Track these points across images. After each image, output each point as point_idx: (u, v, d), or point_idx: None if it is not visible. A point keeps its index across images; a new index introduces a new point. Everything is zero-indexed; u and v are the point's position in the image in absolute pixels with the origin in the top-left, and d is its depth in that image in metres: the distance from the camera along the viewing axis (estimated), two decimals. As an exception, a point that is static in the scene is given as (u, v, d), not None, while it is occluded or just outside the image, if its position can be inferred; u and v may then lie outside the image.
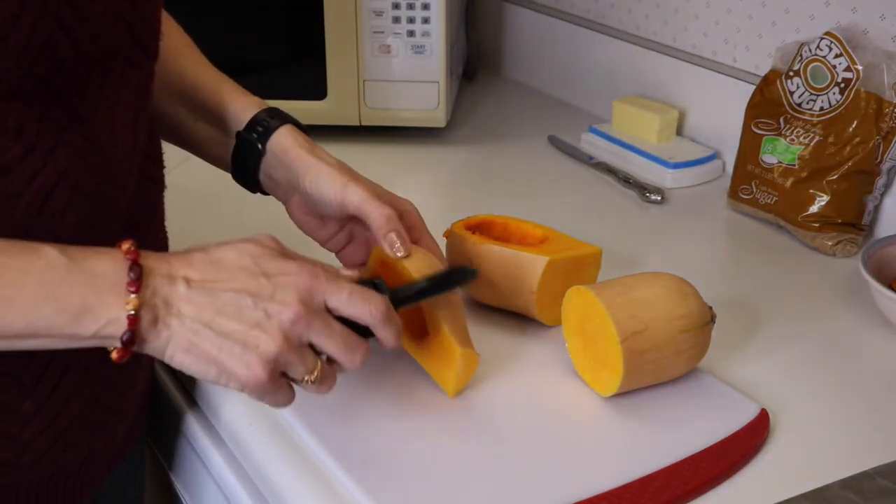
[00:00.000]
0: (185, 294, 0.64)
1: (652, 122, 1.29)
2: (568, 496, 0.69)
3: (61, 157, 0.65)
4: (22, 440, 0.70)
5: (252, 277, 0.65)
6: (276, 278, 0.66)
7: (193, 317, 0.63)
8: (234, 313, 0.64)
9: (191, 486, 0.90)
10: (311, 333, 0.66)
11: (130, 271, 0.62)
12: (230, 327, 0.64)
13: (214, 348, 0.64)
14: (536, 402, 0.79)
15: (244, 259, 0.66)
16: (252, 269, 0.66)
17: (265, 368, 0.64)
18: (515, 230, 0.93)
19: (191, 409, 0.88)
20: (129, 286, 0.62)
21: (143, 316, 0.62)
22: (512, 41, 1.62)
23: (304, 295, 0.65)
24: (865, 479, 0.71)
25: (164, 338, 0.63)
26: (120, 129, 0.70)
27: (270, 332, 0.64)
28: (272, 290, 0.65)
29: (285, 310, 0.64)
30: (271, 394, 0.66)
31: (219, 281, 0.65)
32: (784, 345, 0.90)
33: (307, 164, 0.82)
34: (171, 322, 0.63)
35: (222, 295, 0.64)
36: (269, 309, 0.64)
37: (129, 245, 0.63)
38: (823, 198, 1.07)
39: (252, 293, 0.64)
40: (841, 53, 1.06)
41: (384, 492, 0.69)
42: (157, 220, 0.83)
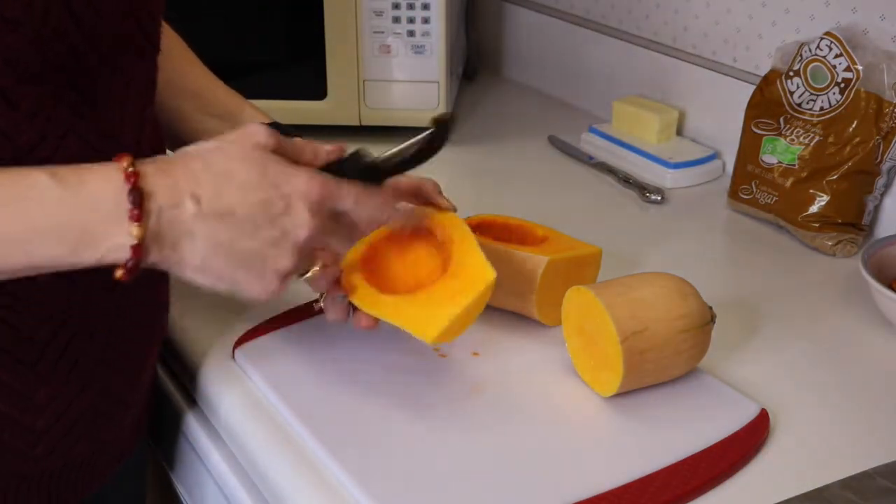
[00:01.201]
0: (195, 213, 0.62)
1: (652, 122, 1.29)
2: (568, 496, 0.69)
3: (71, 145, 0.65)
4: (36, 430, 0.70)
5: (263, 192, 0.64)
6: (286, 189, 0.65)
7: (207, 238, 0.62)
8: (250, 232, 0.63)
9: (191, 487, 0.90)
10: (324, 240, 0.68)
11: (130, 197, 0.60)
12: (247, 246, 0.64)
13: (230, 269, 0.64)
14: (536, 402, 0.79)
15: (251, 171, 0.64)
16: (261, 182, 0.64)
17: (280, 282, 0.66)
18: (515, 230, 0.93)
19: (191, 408, 0.88)
20: (131, 214, 0.59)
21: (149, 243, 0.61)
22: (512, 41, 1.62)
23: (314, 207, 0.66)
24: (865, 479, 0.71)
25: (174, 259, 0.63)
26: (128, 119, 0.71)
27: (287, 249, 0.65)
28: (284, 205, 0.64)
29: (301, 227, 0.65)
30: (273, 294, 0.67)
31: (231, 199, 0.63)
32: (784, 345, 0.90)
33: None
34: (181, 244, 0.62)
35: (236, 214, 0.63)
36: (285, 225, 0.65)
37: (127, 162, 0.61)
38: (823, 198, 1.07)
39: (266, 209, 0.64)
40: (841, 53, 1.06)
41: (384, 492, 0.69)
42: None
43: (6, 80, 0.60)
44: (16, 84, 0.61)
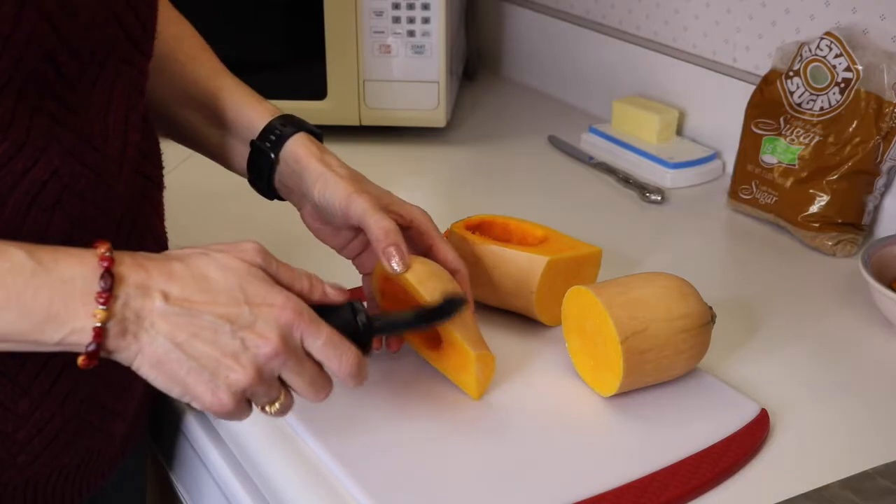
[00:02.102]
0: (162, 309, 0.61)
1: (652, 122, 1.29)
2: (568, 496, 0.69)
3: (53, 155, 0.64)
4: (18, 439, 0.70)
5: (235, 304, 0.63)
6: (260, 308, 0.63)
7: (166, 335, 0.61)
8: (210, 338, 0.62)
9: (191, 487, 0.90)
10: (283, 371, 0.64)
11: (101, 280, 0.59)
12: (204, 351, 0.62)
13: (183, 370, 0.62)
14: (536, 403, 0.79)
15: (229, 280, 0.63)
16: (236, 294, 0.63)
17: (232, 398, 0.63)
18: (515, 230, 0.93)
19: (191, 409, 0.88)
20: (99, 297, 0.59)
21: (111, 328, 0.60)
22: (512, 41, 1.62)
23: (284, 330, 0.63)
24: (865, 479, 0.71)
25: (133, 350, 0.61)
26: (111, 127, 0.70)
27: (244, 363, 0.62)
28: (253, 319, 0.62)
29: (264, 344, 0.62)
30: (231, 416, 0.65)
31: (199, 302, 0.62)
32: (784, 345, 0.90)
33: (317, 173, 0.80)
34: (142, 336, 0.61)
35: (201, 317, 0.62)
36: (248, 340, 0.62)
37: (104, 249, 0.61)
38: (823, 198, 1.07)
39: (232, 320, 0.62)
40: (841, 53, 1.06)
41: (384, 492, 0.69)
42: (157, 220, 0.82)
43: None
44: None
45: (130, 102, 0.72)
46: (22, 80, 0.61)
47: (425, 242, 0.82)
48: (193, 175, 0.95)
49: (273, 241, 1.01)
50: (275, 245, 1.02)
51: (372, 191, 0.81)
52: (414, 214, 0.83)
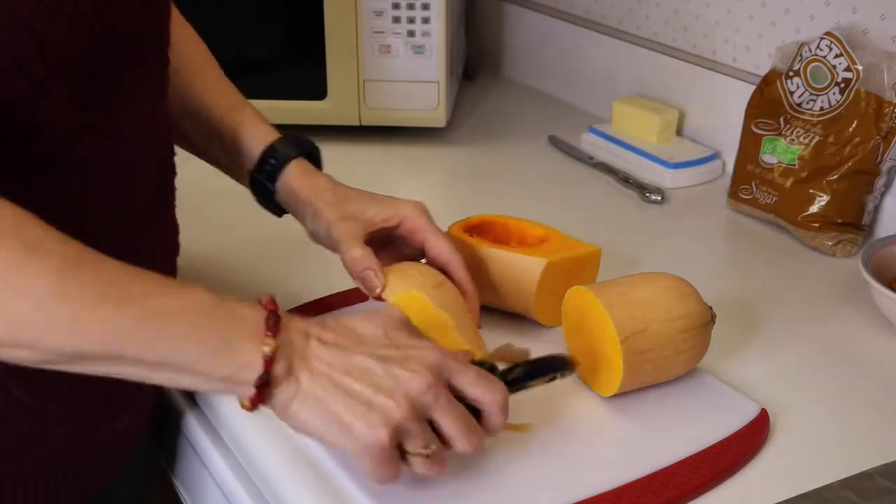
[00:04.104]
0: (318, 351, 0.65)
1: (652, 122, 1.29)
2: (568, 496, 0.69)
3: (87, 140, 0.67)
4: (54, 416, 0.72)
5: (383, 346, 0.66)
6: (407, 350, 0.67)
7: (324, 374, 0.64)
8: (364, 376, 0.65)
9: (192, 488, 0.90)
10: (436, 407, 0.66)
11: (269, 319, 0.63)
12: (359, 388, 0.64)
13: (341, 407, 0.64)
14: (536, 403, 0.79)
15: (376, 329, 0.68)
16: (383, 340, 0.67)
17: (388, 432, 0.64)
18: (515, 230, 0.93)
19: (191, 409, 0.88)
20: (267, 332, 0.63)
21: (279, 361, 0.63)
22: (512, 41, 1.62)
23: (433, 367, 0.66)
24: (865, 479, 0.71)
25: (293, 390, 0.64)
26: (141, 114, 0.73)
27: (397, 398, 0.64)
28: (403, 358, 0.66)
29: (415, 378, 0.65)
30: (386, 462, 0.65)
31: (351, 344, 0.66)
32: (784, 345, 0.90)
33: (305, 204, 0.85)
34: (302, 376, 0.64)
35: (354, 357, 0.65)
36: (400, 376, 0.65)
37: (268, 298, 0.65)
38: (823, 198, 1.07)
39: (383, 359, 0.65)
40: (841, 53, 1.06)
41: (383, 491, 0.69)
42: (172, 205, 0.85)
43: (40, 68, 0.61)
44: (47, 75, 0.62)
45: (154, 93, 0.76)
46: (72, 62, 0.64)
47: (417, 239, 0.83)
48: (193, 174, 0.94)
49: (274, 238, 1.01)
50: (275, 243, 1.02)
51: (355, 209, 0.83)
52: (404, 213, 0.84)
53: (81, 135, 0.67)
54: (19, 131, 0.63)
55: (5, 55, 0.60)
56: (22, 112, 0.62)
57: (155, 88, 0.76)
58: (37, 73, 0.62)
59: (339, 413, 0.64)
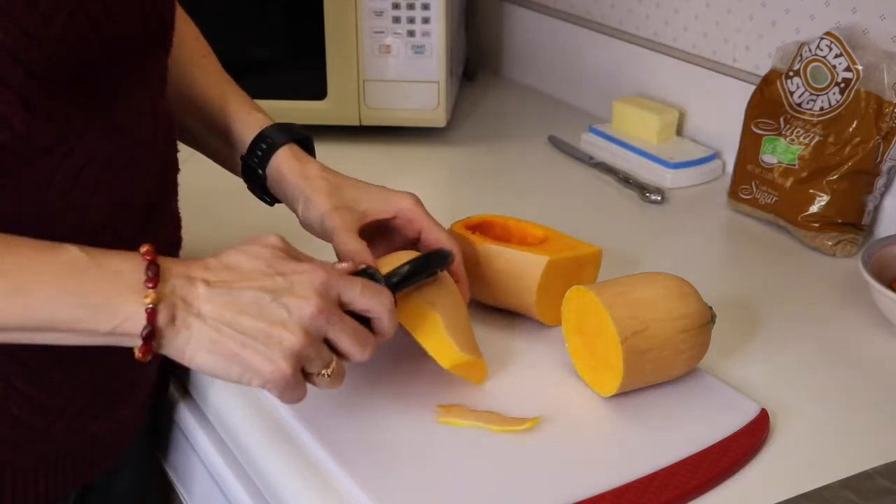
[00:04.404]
0: (205, 293, 0.65)
1: (652, 122, 1.29)
2: (568, 496, 0.69)
3: (89, 140, 0.68)
4: (54, 408, 0.73)
5: (268, 277, 0.67)
6: (291, 276, 0.67)
7: (214, 316, 0.64)
8: (256, 311, 0.65)
9: (185, 479, 0.91)
10: (329, 328, 0.67)
11: (148, 269, 0.63)
12: (252, 325, 0.65)
13: (237, 345, 0.64)
14: (536, 403, 0.79)
15: (257, 261, 0.68)
16: (266, 270, 0.67)
17: (289, 363, 0.65)
18: (515, 230, 0.93)
19: (185, 400, 0.88)
20: (147, 283, 0.63)
21: (162, 311, 0.63)
22: (512, 41, 1.62)
23: (320, 290, 0.67)
24: (865, 479, 0.71)
25: (184, 337, 0.64)
26: (141, 114, 0.74)
27: (292, 327, 0.65)
28: (290, 286, 0.66)
29: (305, 305, 0.66)
30: (291, 389, 0.67)
31: (237, 281, 0.66)
32: (784, 345, 0.90)
33: (296, 191, 0.84)
34: (191, 321, 0.64)
35: (242, 293, 0.65)
36: (290, 305, 0.65)
37: (147, 248, 0.65)
38: (823, 198, 1.07)
39: (270, 290, 0.66)
40: (841, 53, 1.06)
41: (382, 489, 0.69)
42: (174, 201, 0.86)
43: (27, 88, 0.62)
44: (36, 90, 0.63)
45: (156, 92, 0.77)
46: (64, 72, 0.64)
47: (414, 229, 0.83)
48: (193, 174, 0.95)
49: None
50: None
51: (349, 199, 0.83)
52: (400, 205, 0.84)
53: (83, 133, 0.68)
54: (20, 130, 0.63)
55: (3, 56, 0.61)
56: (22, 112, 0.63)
57: (155, 87, 0.77)
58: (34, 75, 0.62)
59: (236, 352, 0.65)
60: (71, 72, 0.65)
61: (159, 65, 0.77)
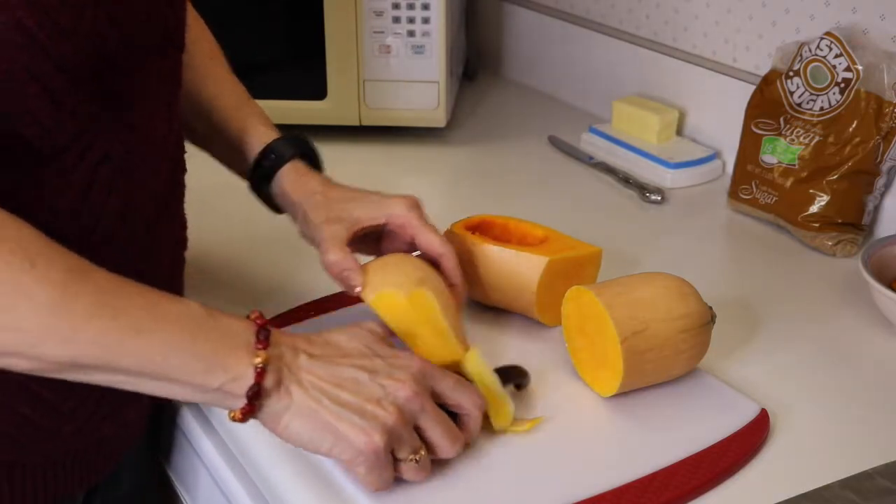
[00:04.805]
0: (307, 364, 0.67)
1: (652, 122, 1.29)
2: (568, 496, 0.69)
3: (105, 139, 0.69)
4: (65, 410, 0.73)
5: (367, 357, 0.69)
6: (389, 360, 0.69)
7: (314, 385, 0.66)
8: (354, 387, 0.67)
9: (187, 481, 0.91)
10: (422, 414, 0.68)
11: (259, 333, 0.66)
12: (350, 399, 0.66)
13: (333, 417, 0.66)
14: (536, 403, 0.79)
15: (356, 342, 0.70)
16: (365, 351, 0.70)
17: (382, 438, 0.66)
18: (515, 230, 0.93)
19: (187, 403, 0.88)
20: (258, 345, 0.65)
21: (270, 373, 0.65)
22: (512, 41, 1.62)
23: (417, 376, 0.69)
24: (865, 479, 0.71)
25: (285, 403, 0.66)
26: (156, 114, 0.74)
27: (387, 406, 0.67)
28: (388, 368, 0.69)
29: (402, 387, 0.67)
30: (380, 468, 0.67)
31: (337, 357, 0.68)
32: (784, 345, 0.90)
33: (296, 207, 0.86)
34: (293, 389, 0.66)
35: (342, 369, 0.67)
36: (387, 386, 0.67)
37: (257, 313, 0.67)
38: (823, 198, 1.07)
39: (369, 370, 0.68)
40: (841, 53, 1.06)
41: (383, 494, 0.69)
42: (181, 201, 0.86)
43: (55, 82, 0.63)
44: (63, 85, 0.64)
45: (170, 93, 0.78)
46: (88, 67, 0.65)
47: (407, 234, 0.84)
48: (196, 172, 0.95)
49: (278, 234, 1.01)
50: (273, 240, 1.02)
51: (342, 210, 0.84)
52: (390, 211, 0.85)
53: (100, 132, 0.68)
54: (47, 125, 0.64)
55: (19, 61, 0.61)
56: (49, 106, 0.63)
57: (169, 88, 0.77)
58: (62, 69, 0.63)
59: (332, 423, 0.66)
60: (94, 68, 0.65)
61: (174, 65, 0.78)
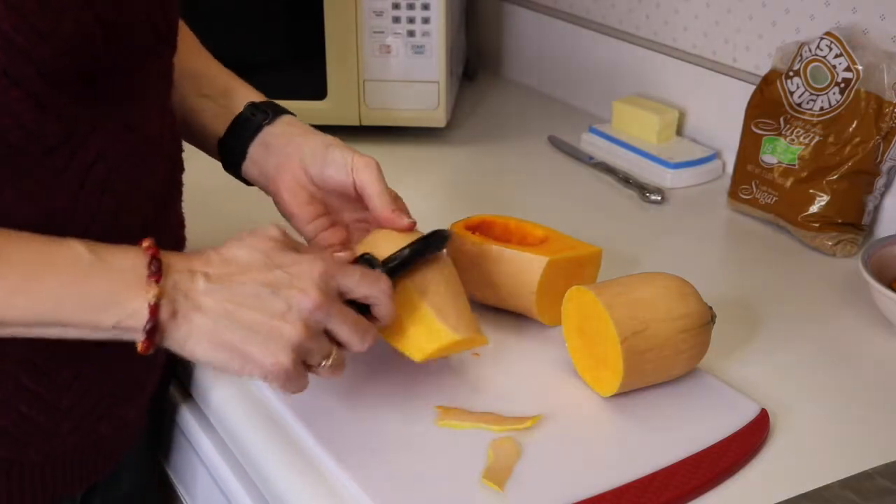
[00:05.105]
0: (205, 287, 0.66)
1: (652, 122, 1.29)
2: (568, 496, 0.69)
3: (97, 139, 0.69)
4: (61, 407, 0.74)
5: (268, 269, 0.67)
6: (291, 268, 0.68)
7: (215, 309, 0.65)
8: (256, 304, 0.66)
9: (186, 480, 0.91)
10: (328, 319, 0.68)
11: (151, 265, 0.64)
12: (252, 317, 0.65)
13: (237, 338, 0.65)
14: (536, 403, 0.79)
15: (256, 254, 0.68)
16: (266, 262, 0.68)
17: (289, 356, 0.66)
18: (515, 230, 0.93)
19: (185, 400, 0.89)
20: (150, 278, 0.64)
21: (164, 306, 0.64)
22: (512, 41, 1.62)
23: (319, 282, 0.67)
24: (865, 479, 0.71)
25: (185, 331, 0.65)
26: (148, 112, 0.75)
27: (292, 320, 0.66)
28: (289, 279, 0.67)
29: (305, 298, 0.66)
30: (293, 381, 0.68)
31: (237, 274, 0.67)
32: (784, 345, 0.90)
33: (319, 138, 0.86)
34: (192, 315, 0.65)
35: (242, 287, 0.66)
36: (290, 298, 0.66)
37: (149, 242, 0.66)
38: (823, 198, 1.07)
39: (270, 284, 0.67)
40: (841, 53, 1.06)
41: (382, 489, 0.69)
42: (179, 200, 0.86)
43: (38, 87, 0.63)
44: (47, 88, 0.64)
45: (163, 91, 0.78)
46: (71, 74, 0.65)
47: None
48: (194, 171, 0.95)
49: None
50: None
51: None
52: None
53: (91, 132, 0.68)
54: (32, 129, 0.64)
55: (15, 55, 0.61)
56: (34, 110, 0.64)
57: (162, 87, 0.78)
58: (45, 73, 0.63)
59: (236, 344, 0.65)
60: (79, 70, 0.65)
61: (166, 64, 0.78)
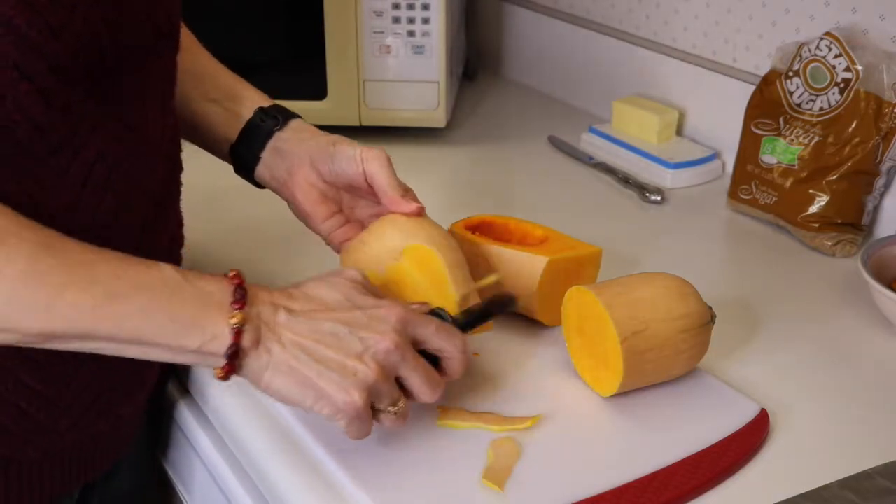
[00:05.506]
0: (286, 321, 0.67)
1: (652, 122, 1.29)
2: (568, 496, 0.69)
3: (100, 138, 0.69)
4: (61, 404, 0.74)
5: (347, 310, 0.69)
6: (370, 311, 0.69)
7: (294, 343, 0.67)
8: (334, 342, 0.67)
9: (185, 478, 0.91)
10: (402, 365, 0.69)
11: (235, 292, 0.66)
12: (330, 355, 0.67)
13: (314, 374, 0.66)
14: (536, 402, 0.79)
15: (336, 294, 0.70)
16: (346, 303, 0.70)
17: (362, 396, 0.67)
18: (515, 230, 0.93)
19: (183, 398, 0.89)
20: (234, 304, 0.66)
21: (247, 332, 0.65)
22: (512, 41, 1.62)
23: (398, 326, 0.69)
24: (865, 479, 0.71)
25: (265, 361, 0.66)
26: (150, 113, 0.75)
27: (367, 361, 0.67)
28: (368, 321, 0.68)
29: (382, 340, 0.68)
30: (360, 421, 0.68)
31: (317, 311, 0.68)
32: (784, 345, 0.90)
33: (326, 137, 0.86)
34: (272, 346, 0.66)
35: (322, 324, 0.68)
36: (367, 339, 0.67)
37: (235, 272, 0.68)
38: (823, 198, 1.07)
39: (349, 323, 0.68)
40: (840, 53, 1.06)
41: (382, 488, 0.69)
42: (178, 199, 0.86)
43: (47, 82, 0.64)
44: (55, 84, 0.64)
45: (165, 91, 0.78)
46: (81, 67, 0.65)
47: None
48: (193, 171, 0.95)
49: (272, 237, 1.01)
50: (274, 240, 1.02)
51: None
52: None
53: (94, 131, 0.68)
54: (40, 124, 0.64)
55: (9, 58, 0.61)
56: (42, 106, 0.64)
57: (164, 87, 0.78)
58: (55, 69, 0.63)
59: (312, 380, 0.66)
60: (87, 67, 0.66)
61: (168, 64, 0.78)
